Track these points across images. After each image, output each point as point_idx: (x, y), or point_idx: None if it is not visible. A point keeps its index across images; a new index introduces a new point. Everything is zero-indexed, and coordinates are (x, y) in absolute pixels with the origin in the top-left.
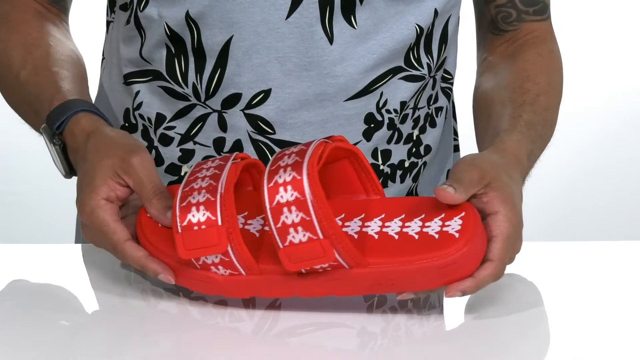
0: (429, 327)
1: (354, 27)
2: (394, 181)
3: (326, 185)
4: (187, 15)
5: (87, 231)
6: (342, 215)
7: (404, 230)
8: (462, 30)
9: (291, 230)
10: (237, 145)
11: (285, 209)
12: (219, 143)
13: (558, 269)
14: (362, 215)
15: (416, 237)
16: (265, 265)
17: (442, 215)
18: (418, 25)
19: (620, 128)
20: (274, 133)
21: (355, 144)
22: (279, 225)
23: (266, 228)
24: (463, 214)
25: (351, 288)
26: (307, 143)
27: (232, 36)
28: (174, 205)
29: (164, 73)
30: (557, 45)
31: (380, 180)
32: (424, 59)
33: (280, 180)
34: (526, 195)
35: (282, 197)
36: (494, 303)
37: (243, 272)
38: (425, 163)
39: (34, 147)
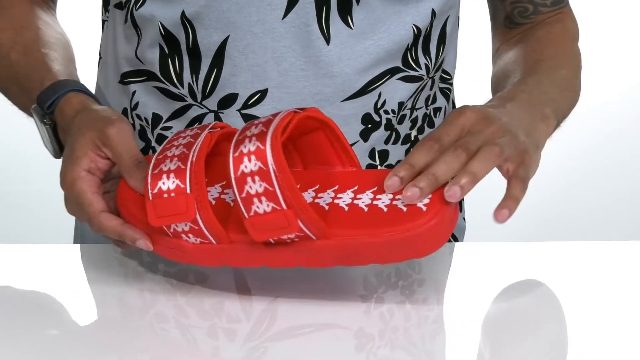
0: (427, 328)
1: (350, 27)
2: None
3: (302, 156)
4: (183, 15)
5: (68, 204)
6: (317, 187)
7: (375, 202)
8: (461, 30)
9: (255, 200)
10: None
11: (249, 179)
12: None
13: (558, 269)
14: (336, 187)
15: (385, 209)
16: (234, 234)
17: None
18: (415, 26)
19: (620, 128)
20: None
21: (353, 144)
22: (244, 195)
23: (223, 196)
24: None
25: (317, 259)
26: (275, 113)
27: (228, 36)
28: (146, 173)
29: (158, 74)
30: (573, 23)
31: None
32: (422, 60)
33: (245, 150)
34: (527, 195)
35: (246, 167)
36: (494, 303)
37: (213, 241)
38: None
39: (34, 147)
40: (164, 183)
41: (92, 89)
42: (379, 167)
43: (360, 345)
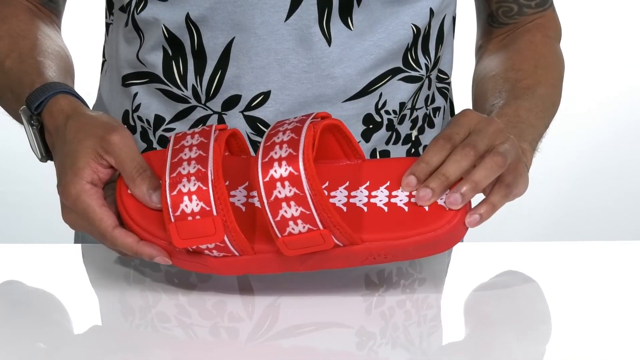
0: (427, 327)
1: (350, 29)
2: None
3: None
4: (188, 17)
5: (68, 215)
6: (327, 184)
7: (392, 200)
8: (459, 30)
9: (290, 223)
10: None
11: (284, 204)
12: None
13: (558, 269)
14: (347, 184)
15: (405, 209)
16: (259, 245)
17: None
18: (414, 25)
19: (620, 129)
20: None
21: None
22: (278, 218)
23: (251, 200)
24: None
25: (344, 263)
26: (296, 128)
27: (233, 38)
28: (162, 193)
29: (161, 76)
30: (555, 27)
31: None
32: (422, 60)
33: (277, 175)
34: (527, 196)
35: (279, 192)
36: (493, 303)
37: (237, 254)
38: None
39: None
40: (186, 206)
41: (95, 93)
42: None
43: (361, 344)
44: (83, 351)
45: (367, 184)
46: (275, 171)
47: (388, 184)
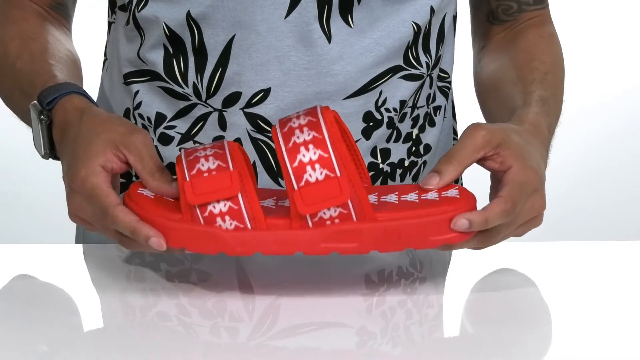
0: (428, 327)
1: (350, 26)
2: (393, 180)
3: None
4: (188, 15)
5: (74, 198)
6: None
7: (403, 198)
8: (460, 30)
9: (308, 168)
10: None
11: (302, 148)
12: None
13: (558, 269)
14: None
15: (417, 201)
16: (272, 219)
17: (436, 190)
18: (415, 23)
19: (621, 128)
20: None
21: (354, 142)
22: (296, 164)
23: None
24: (457, 187)
25: (357, 242)
26: (308, 112)
27: (234, 35)
28: (178, 160)
29: (162, 74)
30: (554, 28)
31: (380, 179)
32: (423, 58)
33: (295, 125)
34: None
35: (298, 137)
36: (494, 303)
37: (249, 225)
38: (425, 162)
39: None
40: (202, 165)
41: (96, 91)
42: (381, 165)
43: (361, 343)
44: (84, 350)
45: (376, 193)
46: (294, 122)
47: (396, 193)
